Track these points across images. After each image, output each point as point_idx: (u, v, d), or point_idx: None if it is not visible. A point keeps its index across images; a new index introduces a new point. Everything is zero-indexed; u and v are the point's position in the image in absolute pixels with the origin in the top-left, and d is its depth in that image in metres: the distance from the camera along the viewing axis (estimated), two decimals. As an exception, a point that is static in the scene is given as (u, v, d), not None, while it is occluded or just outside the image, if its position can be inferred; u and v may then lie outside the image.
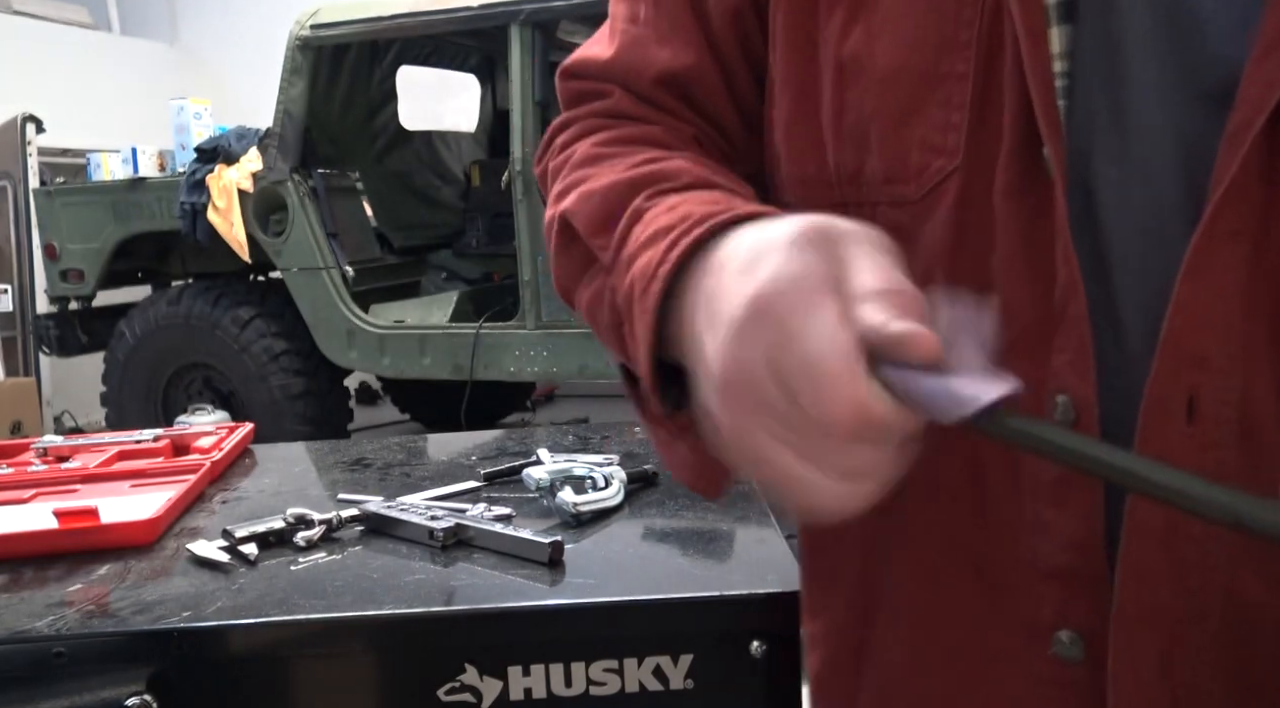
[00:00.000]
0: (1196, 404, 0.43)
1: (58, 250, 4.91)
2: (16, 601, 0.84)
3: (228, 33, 7.88)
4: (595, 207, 0.54)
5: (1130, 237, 0.45)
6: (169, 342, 4.70)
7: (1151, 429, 0.44)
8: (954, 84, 0.48)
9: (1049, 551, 0.48)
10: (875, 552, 0.58)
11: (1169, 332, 0.42)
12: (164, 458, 1.27)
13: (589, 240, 0.55)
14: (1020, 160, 0.46)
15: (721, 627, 0.78)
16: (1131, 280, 0.45)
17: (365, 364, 4.52)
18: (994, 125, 0.47)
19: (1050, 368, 0.46)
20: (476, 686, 0.78)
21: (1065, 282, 0.45)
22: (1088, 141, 0.45)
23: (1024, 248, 0.46)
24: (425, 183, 5.37)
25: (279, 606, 0.80)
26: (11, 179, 5.32)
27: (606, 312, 0.54)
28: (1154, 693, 0.46)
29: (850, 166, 0.53)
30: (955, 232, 0.49)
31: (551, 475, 1.04)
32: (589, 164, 0.59)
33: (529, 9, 3.93)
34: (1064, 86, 0.45)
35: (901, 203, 0.51)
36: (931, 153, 0.49)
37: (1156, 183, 0.44)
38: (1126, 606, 0.46)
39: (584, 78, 0.65)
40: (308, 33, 4.29)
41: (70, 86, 6.78)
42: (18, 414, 4.79)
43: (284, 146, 4.35)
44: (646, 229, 0.50)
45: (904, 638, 0.56)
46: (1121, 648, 0.46)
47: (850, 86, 0.52)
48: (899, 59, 0.50)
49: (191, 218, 4.43)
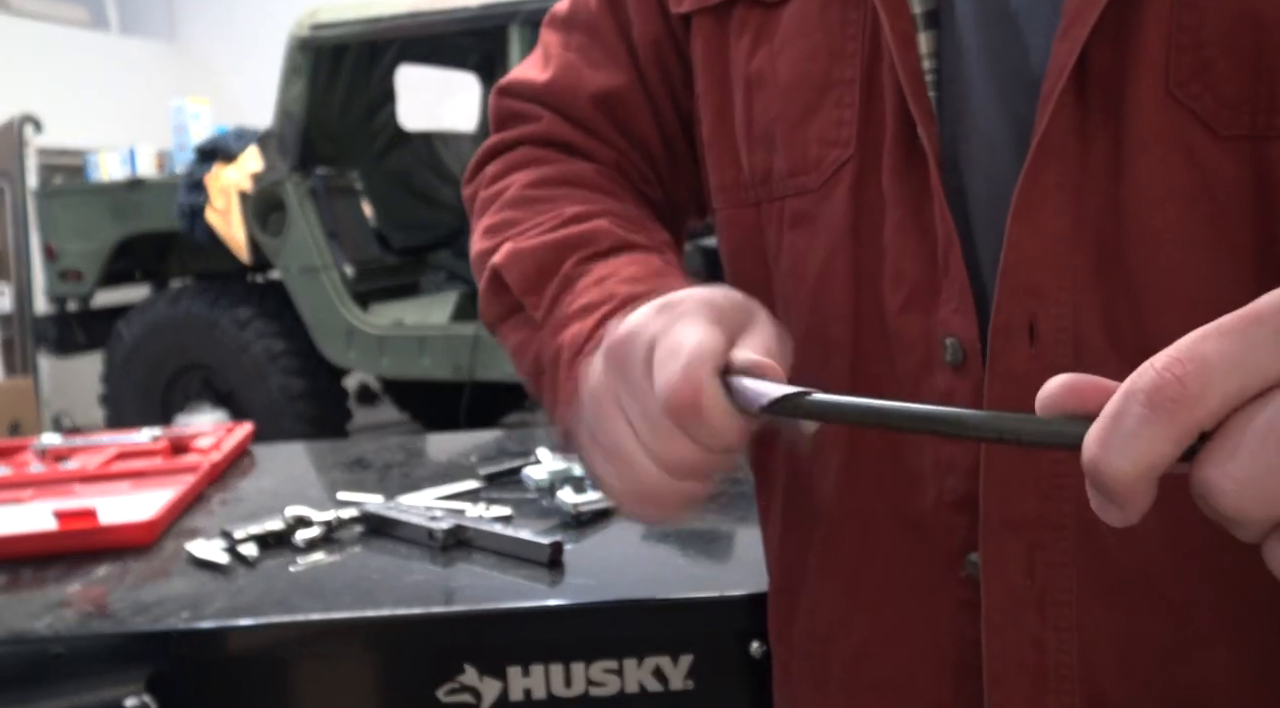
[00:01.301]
0: (1036, 329, 0.49)
1: (56, 250, 4.90)
2: (15, 601, 0.83)
3: (227, 32, 7.88)
4: (527, 268, 0.62)
5: (983, 200, 0.52)
6: (168, 342, 4.69)
7: (999, 352, 0.50)
8: (844, 88, 0.56)
9: (953, 483, 0.54)
10: (802, 514, 0.63)
11: (1005, 265, 0.49)
12: (163, 458, 1.27)
13: (520, 297, 0.62)
14: (901, 145, 0.53)
15: (721, 627, 0.78)
16: (984, 235, 0.52)
17: (364, 364, 4.52)
18: (879, 119, 0.55)
19: (938, 317, 0.53)
20: (476, 686, 0.78)
21: (944, 237, 0.52)
22: (953, 127, 0.53)
23: (910, 218, 0.54)
24: (425, 183, 5.36)
25: (278, 606, 0.79)
26: (10, 179, 5.31)
27: (530, 361, 0.62)
28: (1021, 595, 0.52)
29: (761, 168, 0.60)
30: (852, 211, 0.56)
31: (551, 475, 1.04)
32: (518, 207, 0.66)
33: (529, 9, 3.93)
34: (933, 81, 0.53)
35: (804, 192, 0.58)
36: (828, 146, 0.56)
37: (996, 154, 0.51)
38: (992, 515, 0.51)
39: (518, 98, 0.71)
40: (307, 33, 4.29)
41: (69, 86, 6.78)
42: (16, 414, 4.79)
43: (283, 146, 4.34)
44: (576, 300, 0.58)
45: (832, 592, 0.61)
46: (990, 555, 0.52)
47: (757, 98, 0.60)
48: (797, 71, 0.57)
49: (190, 218, 4.42)
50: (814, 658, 0.63)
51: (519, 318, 0.64)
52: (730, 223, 0.64)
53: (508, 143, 0.71)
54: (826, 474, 0.59)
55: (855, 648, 0.60)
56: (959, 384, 0.52)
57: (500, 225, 0.66)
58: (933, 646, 0.56)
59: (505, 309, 0.65)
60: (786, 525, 0.65)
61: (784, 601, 0.66)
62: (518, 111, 0.71)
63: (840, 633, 0.61)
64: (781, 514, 0.65)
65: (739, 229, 0.63)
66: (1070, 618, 0.51)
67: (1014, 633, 0.52)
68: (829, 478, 0.59)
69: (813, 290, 0.58)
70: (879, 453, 0.57)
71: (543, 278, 0.61)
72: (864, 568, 0.59)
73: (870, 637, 0.59)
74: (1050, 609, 0.51)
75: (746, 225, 0.62)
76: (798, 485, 0.63)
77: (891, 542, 0.57)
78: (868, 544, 0.58)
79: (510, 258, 0.63)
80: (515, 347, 0.64)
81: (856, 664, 0.60)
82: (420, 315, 4.51)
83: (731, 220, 0.63)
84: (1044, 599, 0.51)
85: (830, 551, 0.61)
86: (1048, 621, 0.52)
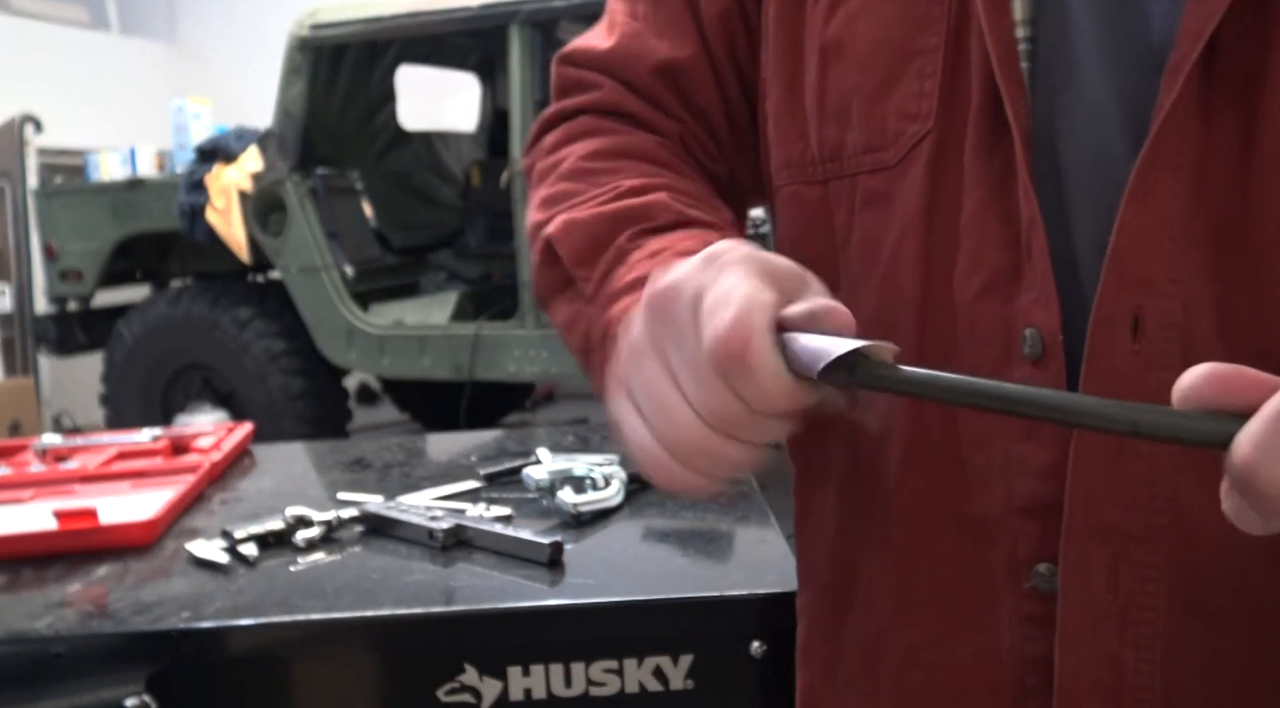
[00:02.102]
0: (1142, 323, 0.45)
1: (56, 250, 4.90)
2: (16, 601, 0.83)
3: (227, 32, 7.88)
4: (579, 240, 0.59)
5: (1084, 181, 0.48)
6: (168, 342, 4.69)
7: (1099, 348, 0.46)
8: (927, 56, 0.52)
9: (1023, 486, 0.50)
10: (856, 509, 0.60)
11: (1114, 251, 0.45)
12: (163, 458, 1.27)
13: (571, 270, 0.59)
14: (987, 119, 0.50)
15: (721, 627, 0.78)
16: (1084, 220, 0.48)
17: (365, 364, 4.52)
18: (963, 90, 0.51)
19: (1018, 306, 0.49)
20: (476, 686, 0.78)
21: (1028, 221, 0.48)
22: (1049, 101, 0.49)
23: (992, 198, 0.50)
24: (425, 183, 5.36)
25: (278, 606, 0.79)
26: (10, 179, 5.31)
27: (579, 336, 0.59)
28: (1102, 610, 0.48)
29: (832, 143, 0.57)
30: (929, 190, 0.52)
31: (551, 475, 1.04)
32: (575, 178, 0.63)
33: (529, 9, 3.93)
34: (1027, 50, 0.49)
35: (879, 169, 0.54)
36: (907, 119, 0.53)
37: (1104, 130, 0.47)
38: (1075, 521, 0.48)
39: (580, 66, 0.69)
40: (307, 33, 4.29)
41: (69, 86, 6.78)
42: (16, 414, 4.79)
43: (283, 146, 4.34)
44: (630, 272, 0.55)
45: (887, 592, 0.58)
46: (1071, 563, 0.48)
47: (833, 68, 0.56)
48: (877, 37, 0.54)
49: (191, 218, 4.42)
50: (865, 659, 0.60)
51: (570, 292, 0.60)
52: (794, 201, 0.60)
53: (568, 112, 0.69)
54: (884, 469, 0.56)
55: (905, 652, 0.57)
56: (1037, 378, 0.48)
57: (556, 197, 0.63)
58: (989, 658, 0.52)
59: (557, 282, 0.62)
60: (842, 519, 0.61)
61: (831, 598, 0.62)
62: (579, 80, 0.69)
63: (892, 635, 0.57)
64: (837, 507, 0.61)
65: (804, 208, 0.59)
66: (1154, 637, 0.47)
67: (1090, 649, 0.48)
68: (886, 473, 0.56)
69: (882, 274, 0.54)
70: (939, 447, 0.54)
71: (595, 251, 0.58)
72: (919, 570, 0.56)
73: (922, 642, 0.56)
74: (1132, 626, 0.48)
75: (812, 204, 0.59)
76: (857, 476, 0.59)
77: (949, 544, 0.54)
78: (924, 545, 0.55)
79: (564, 229, 0.60)
80: (565, 321, 0.61)
81: (906, 670, 0.57)
82: (420, 315, 4.52)
83: (796, 198, 0.60)
84: (1126, 615, 0.48)
85: (885, 548, 0.57)
86: (1128, 638, 0.48)
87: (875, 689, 0.59)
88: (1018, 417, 0.34)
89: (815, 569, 0.65)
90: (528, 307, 4.13)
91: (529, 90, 4.00)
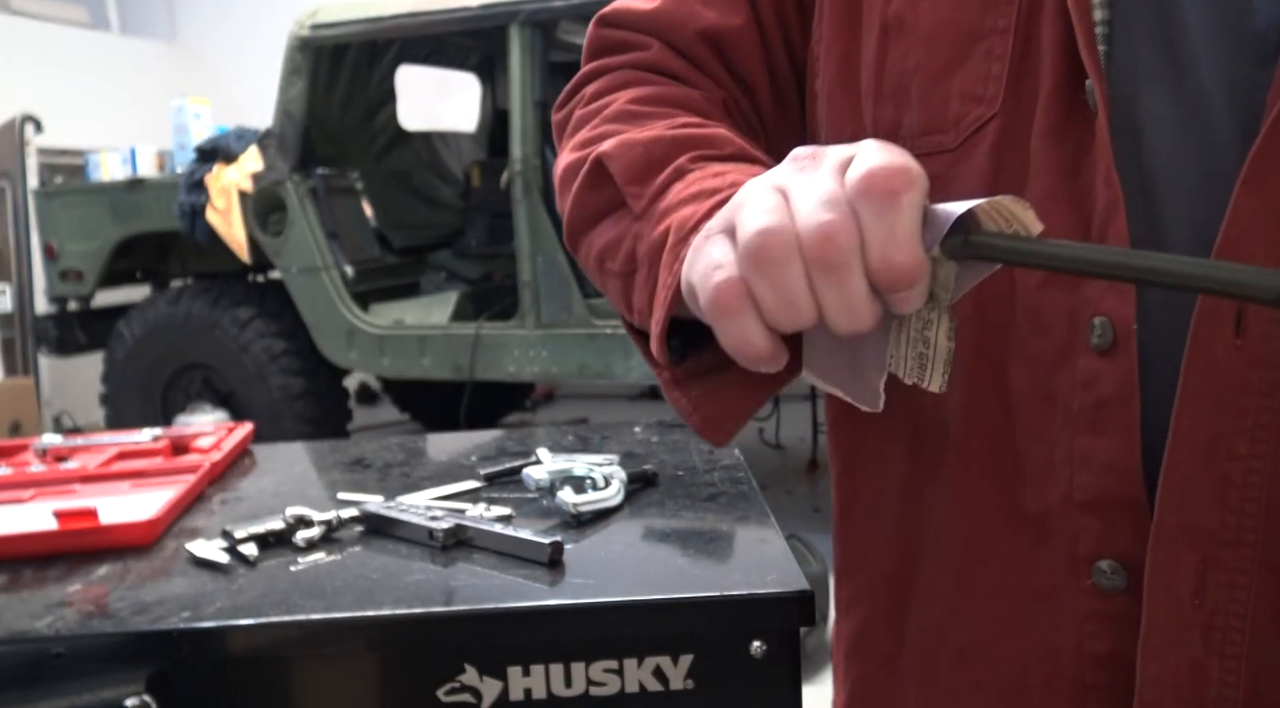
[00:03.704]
0: (1244, 318, 0.44)
1: (57, 250, 4.90)
2: (16, 601, 0.83)
3: (227, 32, 7.88)
4: (637, 156, 0.55)
5: (1180, 168, 0.46)
6: (168, 342, 4.69)
7: (1202, 341, 0.44)
8: (996, 38, 0.50)
9: (1086, 480, 0.48)
10: (914, 500, 0.58)
11: (1225, 239, 0.43)
12: (163, 458, 1.27)
13: (623, 186, 0.55)
14: (1060, 100, 0.48)
15: (721, 627, 0.78)
16: (1177, 210, 0.46)
17: (365, 364, 4.52)
18: (1032, 73, 0.49)
19: (1085, 294, 0.48)
20: (476, 686, 0.78)
21: (1107, 204, 0.46)
22: (1132, 85, 0.47)
23: (1062, 183, 0.48)
24: (425, 183, 5.36)
25: (279, 606, 0.79)
26: (10, 179, 5.32)
27: (621, 258, 0.56)
28: (1187, 617, 0.46)
29: (888, 124, 0.55)
30: (991, 175, 0.51)
31: (551, 475, 1.04)
32: (625, 120, 0.59)
33: (529, 9, 3.93)
34: (1104, 33, 0.48)
35: (938, 152, 0.53)
36: (971, 102, 0.51)
37: (1209, 119, 0.46)
38: (1166, 521, 0.46)
39: (622, 27, 0.65)
40: (307, 33, 4.29)
41: (69, 86, 6.78)
42: (17, 414, 4.79)
43: (283, 146, 4.35)
44: (689, 187, 0.52)
45: (946, 585, 0.56)
46: (1158, 566, 0.46)
47: (893, 46, 0.54)
48: (943, 17, 0.52)
49: (191, 218, 4.42)
50: (924, 653, 0.59)
51: (614, 216, 0.57)
52: None
53: (610, 68, 0.65)
54: (941, 461, 0.54)
55: (963, 647, 0.55)
56: (1107, 369, 0.47)
57: (600, 137, 0.59)
58: (1048, 655, 0.51)
59: (601, 205, 0.58)
60: (903, 510, 0.59)
61: (889, 590, 0.61)
62: (621, 40, 0.65)
63: (950, 630, 0.56)
64: (899, 498, 0.59)
65: None
66: (1241, 647, 0.46)
67: (1174, 658, 0.46)
68: (944, 463, 0.54)
69: None
70: (995, 439, 0.52)
71: (653, 169, 0.55)
72: (976, 562, 0.54)
73: (979, 637, 0.55)
74: (1217, 634, 0.46)
75: None
76: (917, 468, 0.57)
77: (1007, 539, 0.53)
78: (981, 539, 0.54)
79: (619, 147, 0.56)
80: (605, 246, 0.57)
81: (963, 665, 0.56)
82: (420, 315, 4.52)
83: None
84: (1212, 622, 0.46)
85: (944, 542, 0.56)
86: (1213, 647, 0.46)
87: (934, 684, 0.58)
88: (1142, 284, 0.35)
89: (867, 561, 0.63)
90: (528, 306, 4.13)
91: (529, 90, 4.00)
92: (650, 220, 0.53)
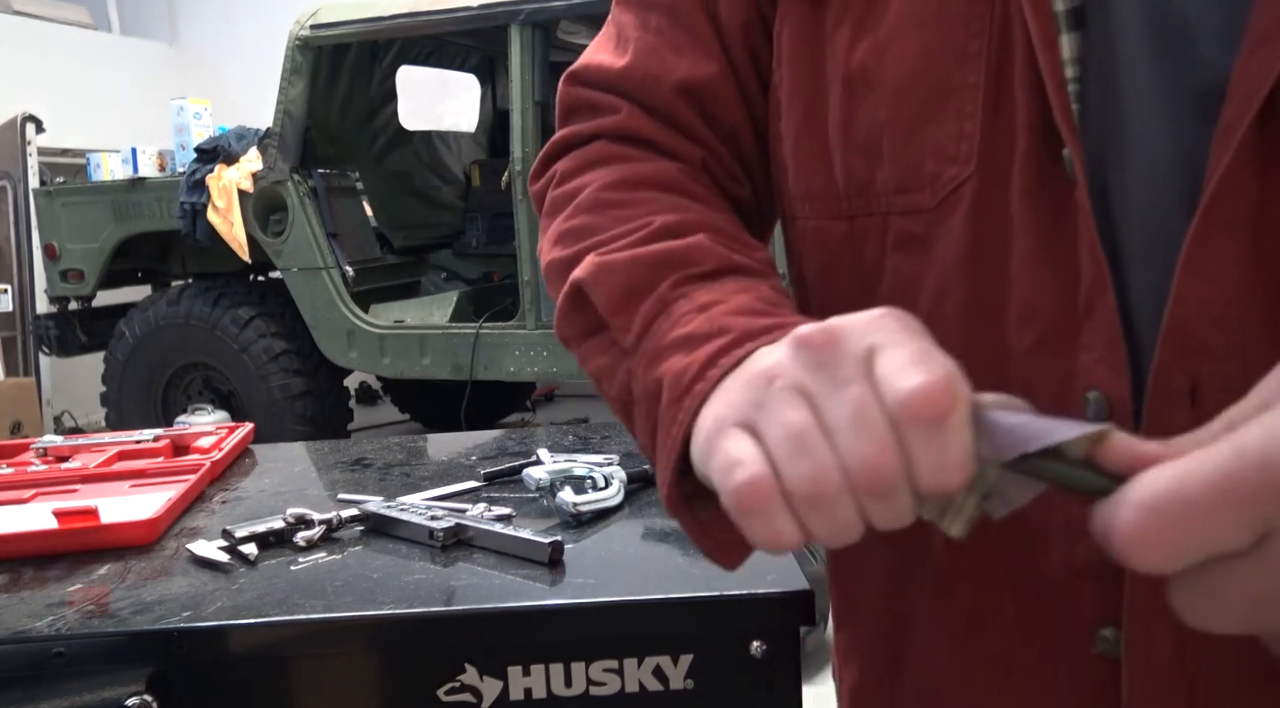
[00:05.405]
0: (1199, 392, 0.43)
1: (57, 250, 4.91)
2: (16, 601, 0.84)
3: (228, 33, 7.88)
4: (615, 286, 0.53)
5: (1135, 234, 0.46)
6: (169, 342, 4.70)
7: (1156, 416, 0.44)
8: (966, 94, 0.49)
9: (1084, 550, 0.48)
10: (903, 568, 0.57)
11: (1170, 321, 0.43)
12: (164, 458, 1.27)
13: (607, 318, 0.54)
14: (1036, 164, 0.47)
15: (721, 627, 0.78)
16: (1138, 276, 0.46)
17: (365, 364, 4.52)
18: (1006, 132, 0.48)
19: (1078, 365, 0.47)
20: (476, 686, 0.78)
21: (1092, 279, 0.45)
22: (1099, 145, 0.46)
23: (1044, 248, 0.47)
24: (425, 183, 5.37)
25: (279, 606, 0.80)
26: (11, 179, 5.32)
27: (618, 387, 0.54)
28: (1170, 681, 0.46)
29: (861, 178, 0.53)
30: (971, 237, 0.49)
31: (551, 475, 1.04)
32: (596, 211, 0.58)
33: (529, 9, 3.93)
34: (1076, 91, 0.46)
35: (914, 212, 0.51)
36: (945, 161, 0.50)
37: (1157, 182, 0.45)
38: (1138, 599, 0.46)
39: (593, 87, 0.63)
40: (307, 33, 4.29)
41: (70, 86, 6.78)
42: (17, 414, 4.79)
43: (284, 146, 4.35)
44: (676, 328, 0.50)
45: (943, 647, 0.56)
46: (1134, 640, 0.46)
47: (860, 99, 0.52)
48: (910, 69, 0.50)
49: (191, 218, 4.43)
50: (925, 701, 0.58)
51: (602, 338, 0.56)
52: (818, 236, 0.56)
53: (581, 137, 0.63)
54: None
55: (966, 701, 0.55)
56: None
57: (577, 231, 0.58)
58: None
59: (587, 327, 0.57)
60: (892, 561, 0.58)
61: (885, 646, 0.60)
62: (592, 102, 0.63)
63: (949, 693, 0.56)
64: (887, 550, 0.58)
65: (829, 244, 0.56)
66: (1227, 696, 0.46)
67: None
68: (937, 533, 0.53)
69: (924, 321, 0.49)
70: None
71: (634, 299, 0.53)
72: (977, 628, 0.54)
73: (980, 703, 0.54)
74: (1201, 698, 0.46)
75: (838, 240, 0.55)
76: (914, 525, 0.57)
77: (1009, 604, 0.52)
78: (982, 603, 0.53)
79: (596, 273, 0.54)
80: (599, 370, 0.57)
81: None
82: (420, 315, 4.52)
83: (820, 233, 0.56)
84: (1194, 687, 0.46)
85: (941, 601, 0.55)
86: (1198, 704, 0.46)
87: None
88: None
89: (861, 611, 0.63)
90: (528, 306, 4.13)
91: (529, 90, 4.00)
92: (641, 358, 0.52)
